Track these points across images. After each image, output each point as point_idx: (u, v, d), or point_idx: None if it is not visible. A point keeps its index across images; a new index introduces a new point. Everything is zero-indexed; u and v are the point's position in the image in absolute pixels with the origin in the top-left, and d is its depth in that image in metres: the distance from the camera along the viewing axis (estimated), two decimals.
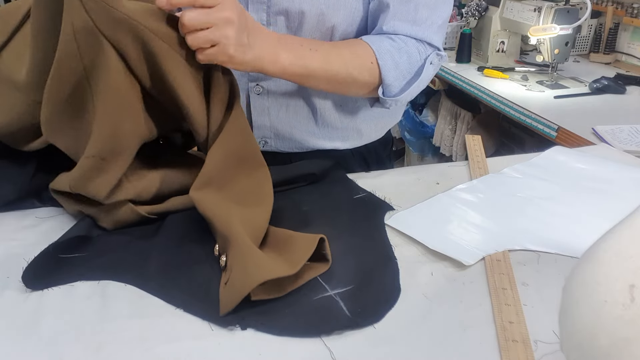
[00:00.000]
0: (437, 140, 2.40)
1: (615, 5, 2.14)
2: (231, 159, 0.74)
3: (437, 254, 0.70)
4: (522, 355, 0.53)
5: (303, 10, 0.81)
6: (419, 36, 0.86)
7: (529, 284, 0.65)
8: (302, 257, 0.63)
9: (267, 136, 0.93)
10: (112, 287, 0.64)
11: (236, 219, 0.67)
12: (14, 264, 0.67)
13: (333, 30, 0.85)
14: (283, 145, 0.95)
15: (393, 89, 0.85)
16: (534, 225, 0.77)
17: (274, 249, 0.67)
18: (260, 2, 0.81)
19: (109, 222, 0.74)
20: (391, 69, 0.82)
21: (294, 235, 0.69)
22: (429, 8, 0.85)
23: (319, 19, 0.83)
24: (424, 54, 0.87)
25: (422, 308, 0.61)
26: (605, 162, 0.96)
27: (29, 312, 0.60)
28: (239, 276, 0.60)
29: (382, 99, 0.85)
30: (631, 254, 0.38)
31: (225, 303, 0.59)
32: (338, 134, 0.96)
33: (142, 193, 0.74)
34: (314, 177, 0.91)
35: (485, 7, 2.13)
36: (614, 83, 1.74)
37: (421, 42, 0.86)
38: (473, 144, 1.02)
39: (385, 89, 0.84)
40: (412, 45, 0.85)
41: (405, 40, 0.84)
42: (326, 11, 0.82)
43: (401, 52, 0.83)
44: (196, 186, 0.71)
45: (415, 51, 0.85)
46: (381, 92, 0.84)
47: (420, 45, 0.86)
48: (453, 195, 0.85)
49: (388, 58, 0.82)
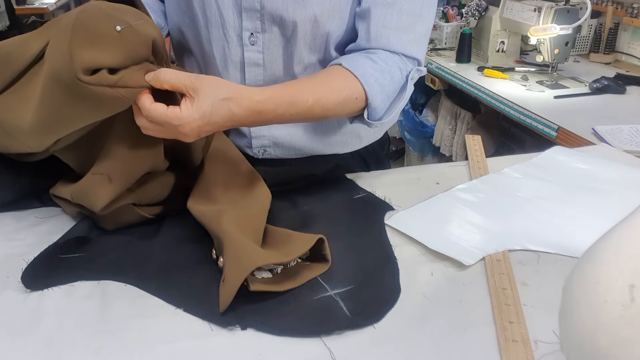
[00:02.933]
0: (437, 140, 2.40)
1: (615, 5, 2.13)
2: (222, 166, 0.76)
3: (437, 254, 0.70)
4: (522, 355, 0.53)
5: (297, 18, 0.81)
6: (400, 48, 0.82)
7: (529, 284, 0.65)
8: (298, 251, 0.64)
9: (267, 145, 0.93)
10: (112, 287, 0.64)
11: (231, 221, 0.67)
12: (14, 264, 0.67)
13: (328, 37, 0.84)
14: (282, 153, 0.94)
15: (379, 111, 0.81)
16: (534, 225, 0.77)
17: (272, 247, 0.68)
18: (253, 10, 0.81)
19: (110, 222, 0.74)
20: (378, 93, 0.79)
21: (293, 234, 0.69)
22: (414, 15, 0.81)
23: (314, 26, 0.82)
24: (405, 71, 0.83)
25: (422, 308, 0.61)
26: (605, 162, 0.96)
27: (29, 312, 0.60)
28: (232, 268, 0.60)
29: (368, 122, 0.81)
30: (631, 254, 0.38)
31: (223, 299, 0.59)
32: (338, 140, 0.96)
33: (142, 198, 0.75)
34: (313, 177, 0.91)
35: (485, 7, 2.13)
36: (614, 83, 1.74)
37: (401, 57, 0.82)
38: (473, 144, 1.02)
39: (371, 112, 0.80)
40: (393, 64, 0.81)
41: (385, 59, 0.80)
42: (320, 18, 0.81)
43: (384, 73, 0.79)
44: (193, 199, 0.73)
45: (397, 70, 0.81)
46: (366, 114, 0.80)
47: (401, 62, 0.82)
48: (453, 195, 0.84)
49: (373, 82, 0.78)
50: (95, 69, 0.60)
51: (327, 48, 0.86)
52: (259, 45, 0.84)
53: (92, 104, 0.62)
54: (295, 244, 0.66)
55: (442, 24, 2.43)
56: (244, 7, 0.81)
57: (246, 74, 0.86)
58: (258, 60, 0.85)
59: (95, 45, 0.60)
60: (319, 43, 0.85)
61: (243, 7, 0.81)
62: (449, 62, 2.19)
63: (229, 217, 0.68)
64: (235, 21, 0.82)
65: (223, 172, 0.77)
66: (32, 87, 0.66)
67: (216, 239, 0.67)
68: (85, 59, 0.59)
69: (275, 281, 0.62)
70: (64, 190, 0.75)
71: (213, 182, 0.76)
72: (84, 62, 0.59)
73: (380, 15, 0.80)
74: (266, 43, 0.84)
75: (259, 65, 0.85)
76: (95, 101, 0.62)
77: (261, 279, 0.63)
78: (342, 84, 0.77)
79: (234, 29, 0.83)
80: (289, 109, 0.71)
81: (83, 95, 0.61)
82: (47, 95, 0.63)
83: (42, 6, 4.35)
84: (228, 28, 0.83)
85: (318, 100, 0.73)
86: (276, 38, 0.83)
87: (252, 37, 0.83)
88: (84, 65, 0.59)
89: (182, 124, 0.63)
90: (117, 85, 0.61)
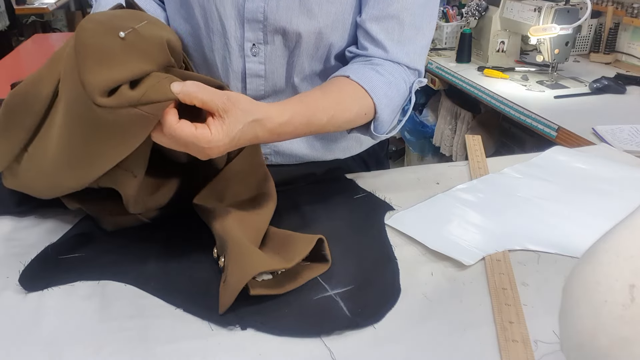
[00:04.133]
0: (437, 140, 2.40)
1: (616, 5, 2.13)
2: (238, 165, 0.73)
3: (437, 254, 0.70)
4: (522, 356, 0.53)
5: (300, 30, 0.80)
6: (404, 60, 0.82)
7: (529, 284, 0.65)
8: (299, 255, 0.63)
9: (268, 153, 0.92)
10: (112, 287, 0.64)
11: (235, 222, 0.67)
12: (14, 264, 0.67)
13: (330, 48, 0.84)
14: (283, 160, 0.94)
15: (385, 124, 0.82)
16: (534, 225, 0.77)
17: (272, 249, 0.67)
18: (256, 21, 0.80)
19: (111, 224, 0.74)
20: (386, 106, 0.79)
21: (292, 235, 0.69)
22: (415, 28, 0.82)
23: (317, 37, 0.81)
24: (409, 82, 0.84)
25: (422, 308, 0.61)
26: (605, 162, 0.96)
27: (29, 312, 0.60)
28: (234, 271, 0.60)
29: (373, 134, 0.81)
30: (631, 254, 0.38)
31: (224, 301, 0.59)
32: (339, 146, 0.96)
33: (150, 206, 0.73)
34: (314, 177, 0.91)
35: (485, 7, 2.13)
36: (614, 83, 1.74)
37: (405, 69, 0.83)
38: (473, 144, 1.02)
39: (377, 125, 0.81)
40: (398, 77, 0.82)
41: (392, 71, 0.81)
42: (324, 30, 0.81)
43: (391, 86, 0.80)
44: (200, 196, 0.72)
45: (402, 82, 0.82)
46: (373, 128, 0.80)
47: (404, 73, 0.83)
48: (453, 195, 0.84)
49: (382, 96, 0.79)
50: (113, 89, 0.55)
51: (329, 58, 0.86)
52: (261, 57, 0.83)
53: (120, 132, 0.57)
54: (296, 246, 0.65)
55: (442, 24, 2.43)
56: (247, 18, 0.80)
57: (247, 84, 0.85)
58: (260, 71, 0.84)
59: (103, 62, 0.55)
60: (321, 54, 0.84)
61: (246, 18, 0.80)
62: (449, 62, 2.19)
63: (233, 218, 0.68)
64: (237, 32, 0.81)
65: (237, 170, 0.74)
66: (57, 128, 0.62)
67: (219, 239, 0.67)
68: (98, 80, 0.54)
69: (275, 283, 0.62)
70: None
71: (224, 179, 0.73)
72: (98, 84, 0.54)
73: (383, 27, 0.81)
74: (268, 54, 0.83)
75: (260, 77, 0.85)
76: (122, 127, 0.56)
77: (261, 282, 0.62)
78: (353, 101, 0.77)
79: (235, 39, 0.82)
80: (305, 129, 0.72)
81: (107, 125, 0.56)
82: (72, 134, 0.59)
83: (42, 6, 4.36)
84: (230, 38, 0.82)
85: (331, 118, 0.74)
86: (278, 49, 0.83)
87: (254, 47, 0.82)
88: (99, 87, 0.54)
89: (210, 147, 0.59)
90: (140, 103, 0.55)
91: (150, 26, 0.60)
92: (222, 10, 0.80)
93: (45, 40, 2.69)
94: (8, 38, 4.17)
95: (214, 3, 0.80)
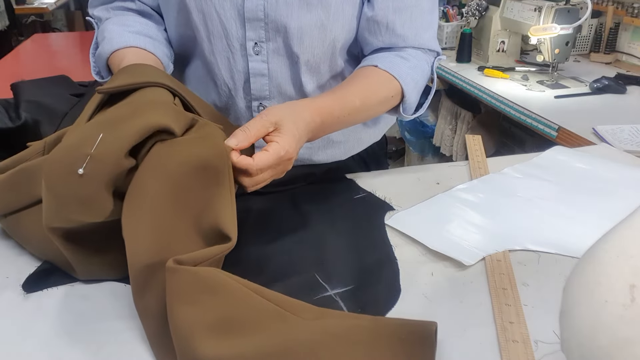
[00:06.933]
0: (437, 140, 2.40)
1: (616, 5, 2.13)
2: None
3: (437, 254, 0.70)
4: (522, 356, 0.53)
5: (301, 24, 0.80)
6: (426, 44, 0.87)
7: (529, 284, 0.65)
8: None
9: None
10: (112, 287, 0.64)
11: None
12: (13, 264, 0.67)
13: (334, 42, 0.83)
14: None
15: (412, 105, 0.87)
16: (534, 225, 0.77)
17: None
18: (257, 19, 0.80)
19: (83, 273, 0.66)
20: (412, 89, 0.85)
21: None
22: (430, 12, 0.87)
23: (320, 31, 0.81)
24: (430, 62, 0.89)
25: (422, 308, 0.61)
26: (605, 162, 0.96)
27: (29, 312, 0.60)
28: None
29: (403, 116, 0.88)
30: (632, 254, 0.38)
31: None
32: (340, 148, 0.95)
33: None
34: (314, 177, 0.91)
35: (486, 6, 2.12)
36: (615, 83, 1.74)
37: (425, 52, 0.88)
38: (473, 144, 1.02)
39: (405, 108, 0.86)
40: (422, 60, 0.87)
41: (415, 55, 0.86)
42: (326, 22, 0.81)
43: (416, 70, 0.85)
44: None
45: (425, 64, 0.88)
46: (402, 109, 0.86)
47: (426, 56, 0.88)
48: (453, 195, 0.84)
49: (410, 80, 0.84)
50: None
51: (333, 54, 0.85)
52: (264, 55, 0.83)
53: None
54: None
55: (442, 24, 2.43)
56: (247, 17, 0.80)
57: (252, 84, 0.85)
58: (263, 70, 0.84)
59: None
60: (325, 49, 0.84)
61: (246, 17, 0.80)
62: (449, 62, 2.19)
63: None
64: (238, 32, 0.81)
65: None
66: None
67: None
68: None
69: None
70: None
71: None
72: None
73: (407, 17, 0.84)
74: (270, 52, 0.82)
75: (264, 76, 0.84)
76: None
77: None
78: (382, 85, 0.83)
79: (237, 39, 0.81)
80: (342, 113, 0.78)
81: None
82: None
83: (41, 6, 4.36)
84: (231, 39, 0.81)
85: (364, 100, 0.80)
86: (280, 47, 0.82)
87: (256, 46, 0.82)
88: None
89: (287, 151, 0.66)
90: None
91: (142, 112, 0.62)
92: (222, 11, 0.80)
93: (44, 40, 2.68)
94: (8, 38, 4.17)
95: (213, 6, 0.79)
